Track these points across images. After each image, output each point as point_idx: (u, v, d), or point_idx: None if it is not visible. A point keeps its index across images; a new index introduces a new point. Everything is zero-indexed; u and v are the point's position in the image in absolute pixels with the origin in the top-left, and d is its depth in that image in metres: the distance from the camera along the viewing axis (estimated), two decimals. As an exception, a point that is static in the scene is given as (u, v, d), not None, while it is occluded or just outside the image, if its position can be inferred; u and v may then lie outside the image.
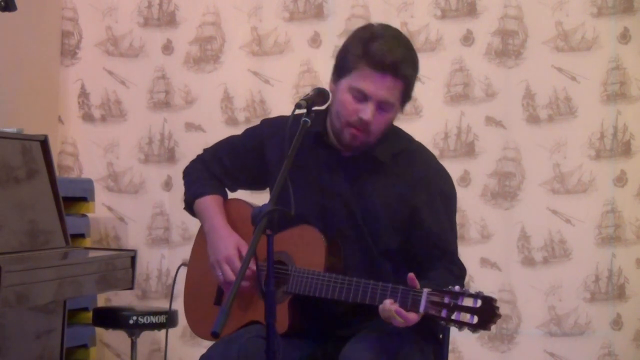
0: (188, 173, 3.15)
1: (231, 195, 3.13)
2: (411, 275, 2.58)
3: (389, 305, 2.59)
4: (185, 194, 3.12)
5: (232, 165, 3.06)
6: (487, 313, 2.46)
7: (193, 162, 3.16)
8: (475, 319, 2.46)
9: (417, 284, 2.57)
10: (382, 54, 2.73)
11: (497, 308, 2.47)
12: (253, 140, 3.03)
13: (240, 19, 4.85)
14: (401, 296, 2.58)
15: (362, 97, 2.75)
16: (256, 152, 3.00)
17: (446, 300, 2.49)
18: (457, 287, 2.51)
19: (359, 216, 2.83)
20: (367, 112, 2.74)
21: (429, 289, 2.54)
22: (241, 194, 3.13)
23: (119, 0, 4.96)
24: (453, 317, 2.48)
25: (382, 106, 2.76)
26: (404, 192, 2.82)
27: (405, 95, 2.80)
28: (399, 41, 2.81)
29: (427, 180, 2.84)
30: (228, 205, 3.05)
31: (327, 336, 2.87)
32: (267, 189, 3.03)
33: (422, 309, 2.53)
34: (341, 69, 2.81)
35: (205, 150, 3.16)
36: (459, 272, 2.83)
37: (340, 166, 2.87)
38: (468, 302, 2.47)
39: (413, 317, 2.56)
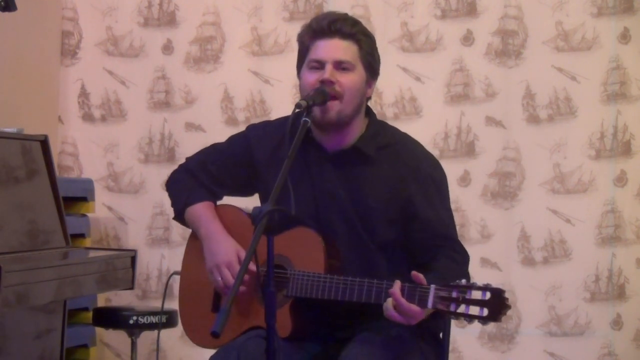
0: (173, 182, 3.13)
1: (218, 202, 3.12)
2: (414, 272, 2.57)
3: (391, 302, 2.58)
4: (175, 203, 3.10)
5: (219, 173, 3.04)
6: (496, 305, 2.45)
7: (176, 172, 3.14)
8: (486, 312, 2.45)
9: (424, 280, 2.56)
10: (320, 20, 2.84)
11: (507, 299, 2.47)
12: (240, 146, 3.03)
13: (240, 19, 4.85)
14: (408, 293, 2.57)
15: (319, 65, 2.80)
16: (244, 158, 3.00)
17: (454, 294, 2.48)
18: (463, 281, 2.50)
19: (352, 212, 2.83)
20: (326, 72, 2.78)
21: (436, 285, 2.53)
22: (227, 200, 3.12)
23: (119, 0, 4.96)
24: (462, 310, 2.47)
25: (341, 66, 2.79)
26: (394, 184, 2.82)
27: (366, 59, 2.82)
28: (336, 12, 2.89)
29: (416, 169, 2.84)
30: (219, 212, 3.04)
31: (328, 338, 2.87)
32: (256, 195, 3.03)
33: (430, 304, 2.53)
34: (300, 59, 2.88)
35: (189, 159, 3.14)
36: (461, 258, 2.82)
37: (328, 163, 2.87)
38: (477, 295, 2.46)
39: (416, 309, 2.55)
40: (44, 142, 3.71)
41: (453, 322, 3.03)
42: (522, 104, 4.63)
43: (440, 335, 2.92)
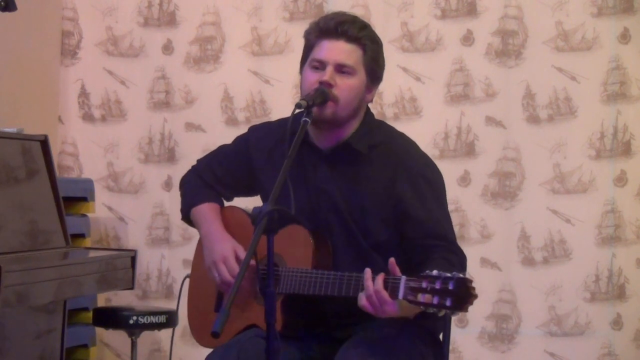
0: (183, 184, 3.18)
1: (228, 203, 3.14)
2: (391, 260, 2.56)
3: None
4: (182, 204, 3.15)
5: (223, 174, 3.08)
6: (461, 294, 2.43)
7: (188, 173, 3.18)
8: (450, 302, 2.43)
9: (398, 271, 2.55)
10: (329, 20, 2.82)
11: (473, 288, 2.44)
12: (240, 147, 3.05)
13: (240, 19, 4.85)
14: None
15: (321, 65, 2.79)
16: (244, 159, 3.02)
17: (424, 285, 2.46)
18: (434, 271, 2.47)
19: (345, 211, 2.82)
20: (326, 73, 2.77)
21: (407, 276, 2.52)
22: (238, 202, 3.14)
23: (119, 0, 4.96)
24: (429, 301, 2.45)
25: (342, 70, 2.78)
26: (386, 183, 2.81)
27: (369, 64, 2.81)
28: (346, 13, 2.87)
29: (409, 167, 2.82)
30: (225, 213, 3.07)
31: (324, 338, 2.87)
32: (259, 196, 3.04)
33: (401, 295, 2.51)
34: (304, 57, 2.87)
35: (199, 160, 3.18)
36: (457, 260, 2.76)
37: (322, 162, 2.87)
38: (444, 284, 2.44)
39: (386, 297, 2.52)
40: (44, 142, 3.71)
41: (453, 322, 3.03)
42: (522, 104, 4.63)
43: (440, 336, 2.92)
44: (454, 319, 3.00)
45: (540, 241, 4.60)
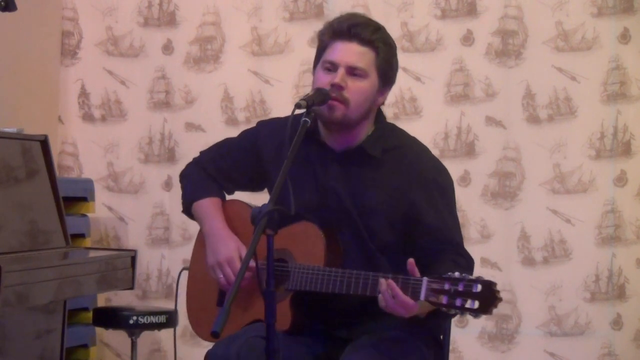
0: (185, 176, 3.16)
1: (229, 197, 3.14)
2: (411, 260, 2.56)
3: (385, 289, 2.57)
4: (183, 197, 3.13)
5: (228, 167, 3.07)
6: (487, 297, 2.44)
7: (189, 165, 3.17)
8: (476, 304, 2.44)
9: (417, 272, 2.56)
10: (342, 21, 2.83)
11: (498, 292, 2.46)
12: (249, 141, 3.04)
13: (240, 19, 4.86)
14: (401, 285, 2.56)
15: (332, 67, 2.79)
16: (252, 153, 3.01)
17: (446, 286, 2.47)
18: (456, 273, 2.48)
19: (354, 212, 2.83)
20: (337, 76, 2.76)
21: (429, 277, 2.53)
22: (239, 196, 3.14)
23: (119, 0, 4.96)
24: (453, 303, 2.46)
25: (353, 72, 2.78)
26: (398, 187, 2.81)
27: (382, 67, 2.81)
28: (360, 14, 2.90)
29: (421, 173, 2.82)
30: (226, 207, 3.06)
31: (330, 337, 2.87)
32: (265, 190, 3.03)
33: (422, 296, 2.52)
34: (317, 57, 2.87)
35: (202, 152, 3.17)
36: (465, 263, 2.79)
37: (333, 162, 2.87)
38: (468, 287, 2.45)
39: (409, 301, 2.54)
40: (44, 142, 3.71)
41: (453, 322, 3.03)
42: (522, 104, 4.63)
43: (441, 337, 2.92)
44: (453, 319, 3.01)
45: (540, 241, 4.60)
